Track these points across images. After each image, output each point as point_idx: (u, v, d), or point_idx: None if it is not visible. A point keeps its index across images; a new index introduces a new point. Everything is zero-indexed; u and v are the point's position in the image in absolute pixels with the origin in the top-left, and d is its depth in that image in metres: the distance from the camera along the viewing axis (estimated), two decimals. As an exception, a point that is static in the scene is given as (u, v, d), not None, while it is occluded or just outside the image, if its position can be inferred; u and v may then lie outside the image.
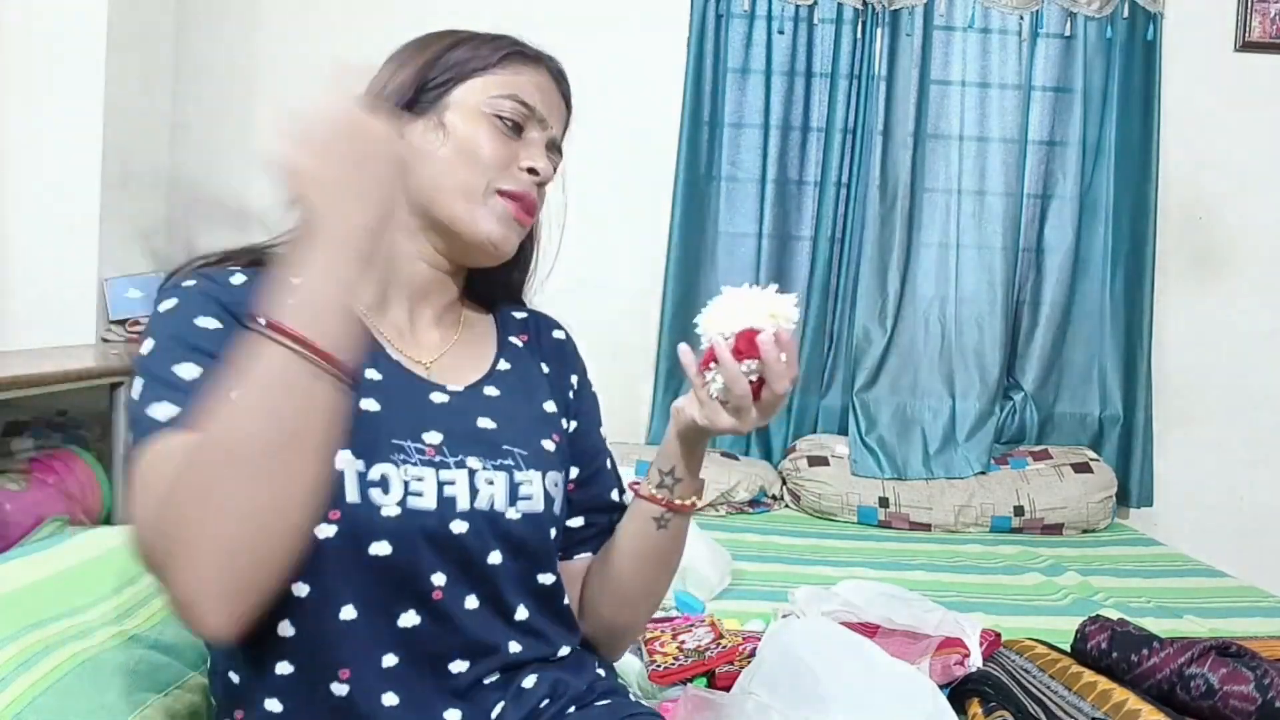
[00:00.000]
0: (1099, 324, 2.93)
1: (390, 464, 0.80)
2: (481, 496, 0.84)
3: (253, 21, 2.91)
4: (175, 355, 0.75)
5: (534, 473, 0.88)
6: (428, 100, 0.90)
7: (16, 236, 2.34)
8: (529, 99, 0.91)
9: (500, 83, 0.91)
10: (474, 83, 0.90)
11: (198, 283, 0.81)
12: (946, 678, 1.37)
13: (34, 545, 1.23)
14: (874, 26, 2.87)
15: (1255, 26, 2.93)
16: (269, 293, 0.68)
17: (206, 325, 0.77)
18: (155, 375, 0.74)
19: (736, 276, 2.93)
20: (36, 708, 0.83)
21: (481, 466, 0.85)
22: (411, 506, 0.80)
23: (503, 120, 0.90)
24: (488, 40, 0.93)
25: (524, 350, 0.99)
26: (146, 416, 0.72)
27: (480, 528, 0.83)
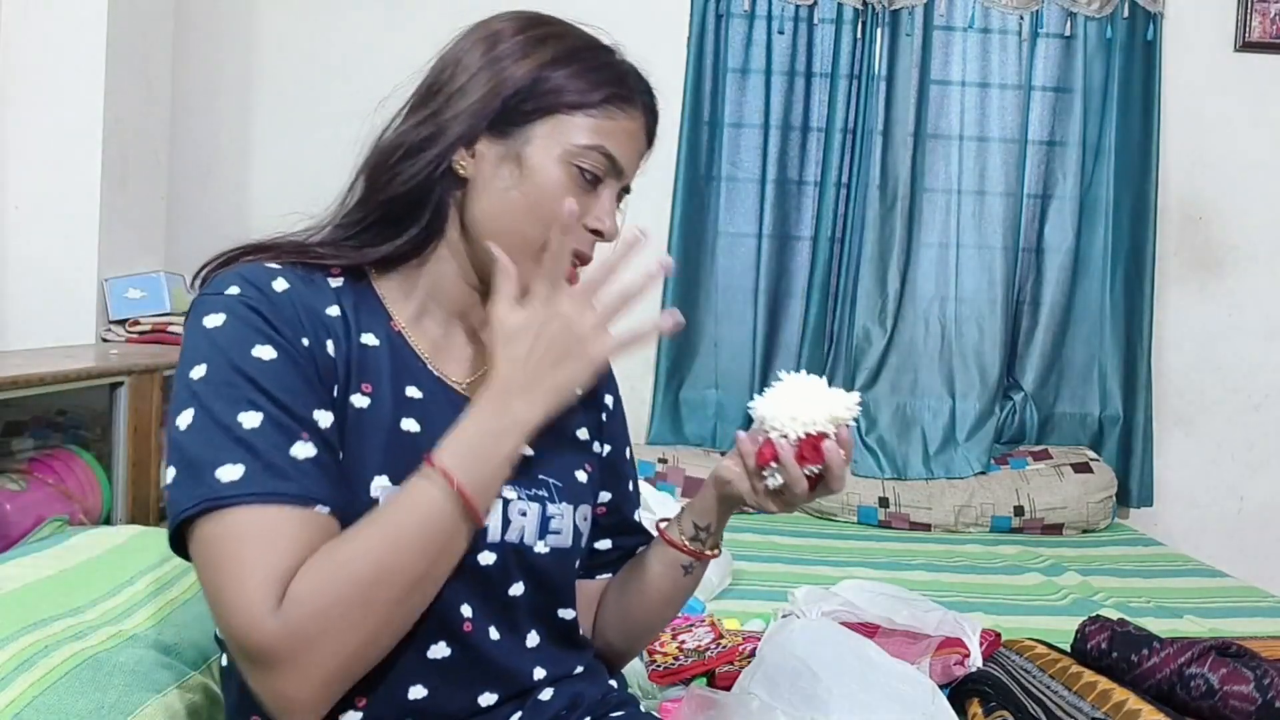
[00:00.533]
0: (1099, 324, 2.93)
1: None
2: (513, 528, 0.83)
3: (252, 22, 2.91)
4: (235, 397, 0.71)
5: (566, 506, 0.87)
6: (512, 123, 0.82)
7: (16, 236, 2.34)
8: (616, 152, 0.84)
9: (592, 129, 0.83)
10: (564, 120, 0.82)
11: (241, 291, 0.76)
12: (946, 678, 1.37)
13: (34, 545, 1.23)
14: (874, 26, 2.87)
15: (1255, 26, 2.93)
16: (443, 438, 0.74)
17: (262, 356, 0.73)
18: (216, 420, 0.70)
19: (736, 276, 2.93)
20: (36, 708, 0.83)
21: (516, 496, 0.83)
22: None
23: (583, 173, 0.83)
24: (592, 67, 0.84)
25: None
26: (212, 476, 0.68)
27: (507, 559, 0.82)
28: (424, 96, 0.85)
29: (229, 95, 2.90)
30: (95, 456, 1.90)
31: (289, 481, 0.69)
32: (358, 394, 0.78)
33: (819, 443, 0.84)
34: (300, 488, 0.70)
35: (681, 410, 2.94)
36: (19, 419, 2.00)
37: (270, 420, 0.71)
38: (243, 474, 0.68)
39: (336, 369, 0.78)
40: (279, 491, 0.69)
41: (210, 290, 0.77)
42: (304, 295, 0.78)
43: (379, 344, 0.82)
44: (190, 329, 0.75)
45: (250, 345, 0.73)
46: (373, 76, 0.87)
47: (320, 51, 2.88)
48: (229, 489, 0.68)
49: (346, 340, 0.80)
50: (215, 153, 2.91)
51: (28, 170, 2.33)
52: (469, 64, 0.84)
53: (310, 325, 0.77)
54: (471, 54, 0.84)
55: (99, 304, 2.39)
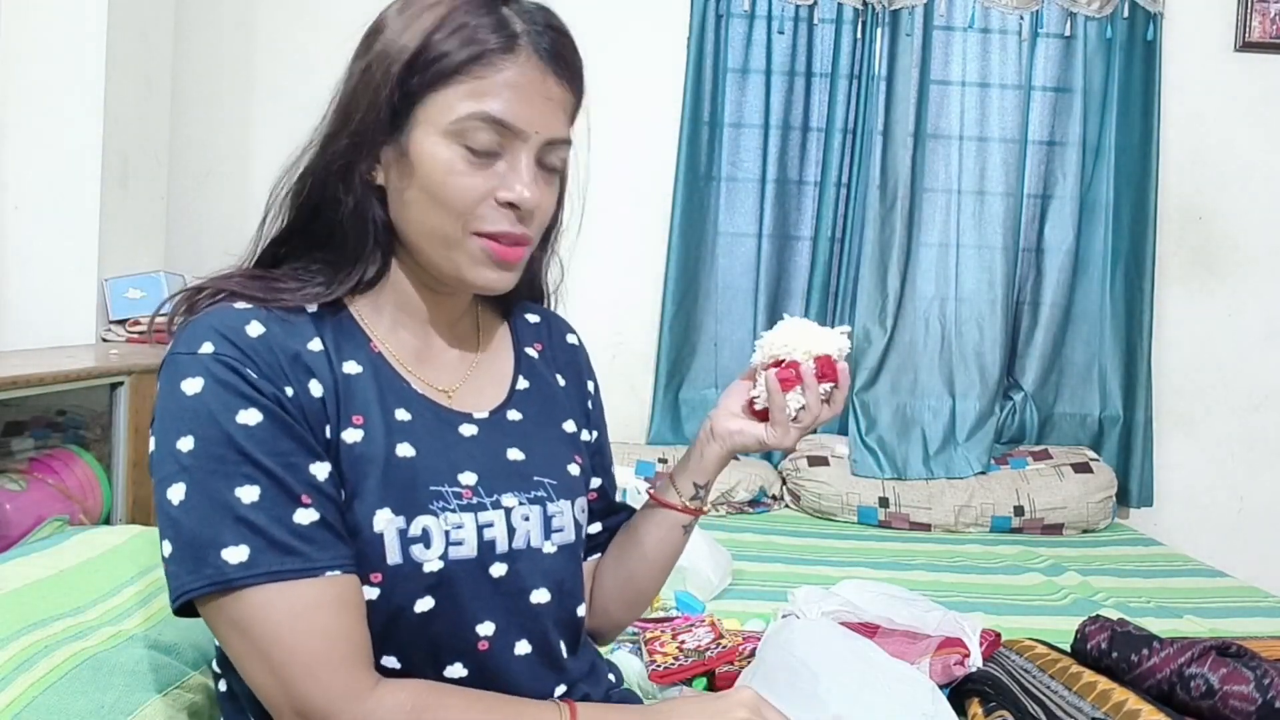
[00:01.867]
0: (1099, 324, 2.93)
1: (430, 515, 0.76)
2: (519, 535, 0.82)
3: (251, 22, 2.91)
4: (228, 472, 0.69)
5: (564, 502, 0.86)
6: (397, 119, 0.77)
7: (16, 236, 2.34)
8: (503, 113, 0.75)
9: (466, 94, 0.75)
10: (438, 97, 0.76)
11: (216, 349, 0.72)
12: (946, 678, 1.37)
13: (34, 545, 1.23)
14: (874, 26, 2.87)
15: (1255, 26, 2.93)
16: None
17: (248, 422, 0.71)
18: (212, 498, 0.69)
19: (736, 276, 2.93)
20: (36, 707, 0.83)
21: (517, 503, 0.82)
22: (453, 557, 0.77)
23: (467, 148, 0.76)
24: (455, 29, 0.75)
25: (539, 363, 0.95)
26: (218, 557, 0.68)
27: (519, 567, 0.81)
28: (329, 112, 0.82)
29: (229, 95, 2.91)
30: (95, 456, 1.90)
31: (295, 556, 0.69)
32: (349, 428, 0.76)
33: (831, 361, 0.91)
34: (306, 560, 0.70)
35: (681, 410, 2.94)
36: (19, 419, 2.00)
37: (267, 492, 0.70)
38: (249, 555, 0.68)
39: (325, 408, 0.75)
40: (289, 569, 0.69)
41: (183, 349, 0.73)
42: (280, 337, 0.75)
43: (361, 370, 0.79)
44: (167, 393, 0.72)
45: (234, 412, 0.70)
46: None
47: (320, 52, 2.87)
48: (237, 571, 0.68)
49: (331, 374, 0.77)
50: (215, 153, 2.91)
51: (28, 170, 2.33)
52: (353, 70, 0.81)
53: (291, 370, 0.74)
54: (356, 59, 0.81)
55: (99, 304, 2.39)
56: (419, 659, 0.77)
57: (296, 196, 0.81)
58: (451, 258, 0.79)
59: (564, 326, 1.01)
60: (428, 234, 0.79)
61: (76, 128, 2.33)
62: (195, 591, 0.69)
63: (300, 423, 0.73)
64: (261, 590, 0.68)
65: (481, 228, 0.78)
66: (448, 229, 0.77)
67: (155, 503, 0.73)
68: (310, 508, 0.71)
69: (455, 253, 0.78)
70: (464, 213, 0.77)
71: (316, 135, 0.81)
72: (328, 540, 0.71)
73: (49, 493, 1.76)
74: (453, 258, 0.79)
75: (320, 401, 0.75)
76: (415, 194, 0.77)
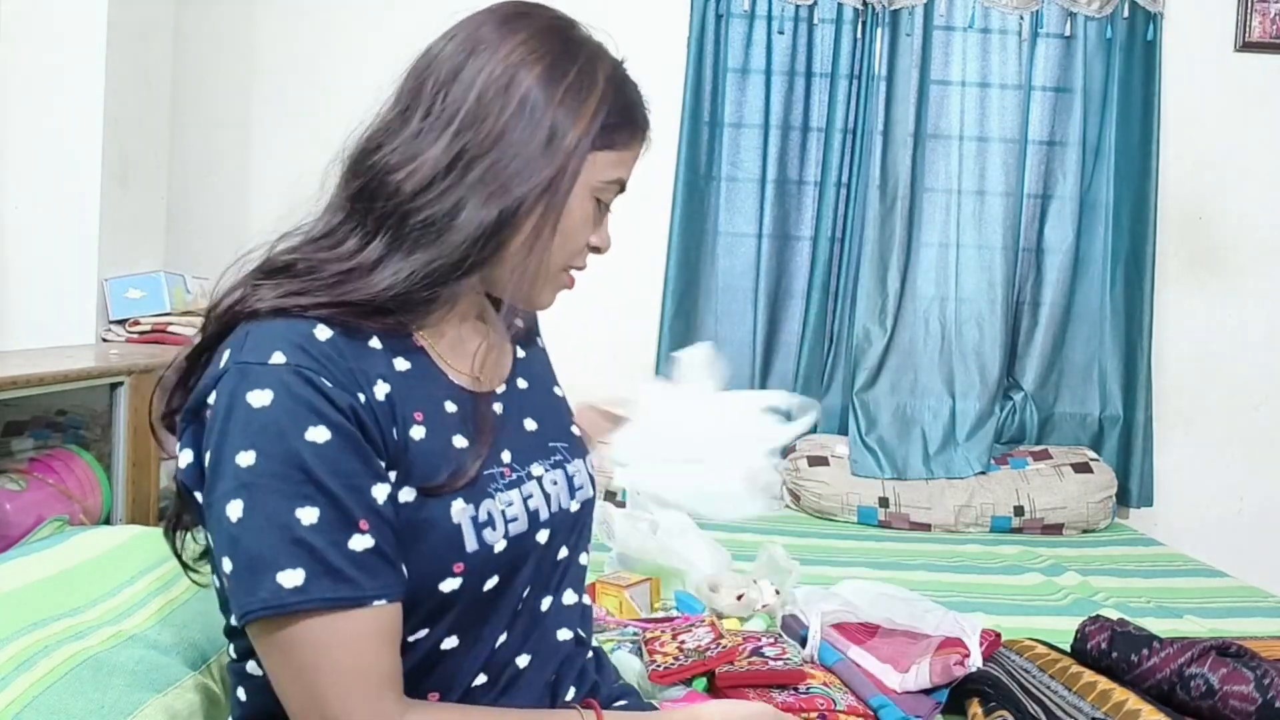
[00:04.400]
0: (1099, 324, 2.93)
1: (489, 498, 0.81)
2: (552, 500, 0.88)
3: (251, 22, 2.91)
4: (290, 492, 0.69)
5: (579, 461, 0.94)
6: (565, 162, 0.81)
7: (16, 236, 2.34)
8: (627, 177, 0.87)
9: (615, 163, 0.85)
10: (601, 157, 0.83)
11: (289, 359, 0.72)
12: (946, 678, 1.36)
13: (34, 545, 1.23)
14: (874, 26, 2.87)
15: (1255, 26, 2.93)
16: None
17: (316, 440, 0.70)
18: (271, 516, 0.69)
19: (736, 276, 2.93)
20: (36, 707, 0.83)
21: (544, 470, 0.88)
22: (513, 533, 0.82)
23: (601, 204, 0.86)
24: (618, 107, 0.84)
25: (520, 330, 1.00)
26: (274, 580, 0.69)
27: (556, 528, 0.88)
28: (459, 134, 0.79)
29: (229, 95, 2.90)
30: (95, 456, 1.90)
31: (348, 584, 0.70)
32: (414, 425, 0.78)
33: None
34: (358, 589, 0.71)
35: (681, 410, 2.93)
36: (19, 419, 2.00)
37: (326, 514, 0.70)
38: (304, 579, 0.69)
39: (394, 408, 0.77)
40: (342, 597, 0.70)
41: (252, 358, 0.72)
42: (346, 341, 0.76)
43: (410, 367, 0.81)
44: (231, 403, 0.71)
45: (303, 429, 0.70)
46: (373, 76, 0.85)
47: (320, 51, 2.88)
48: (292, 595, 0.69)
49: (391, 373, 0.79)
50: (215, 153, 2.91)
51: (28, 170, 2.33)
52: (508, 114, 0.79)
53: (360, 374, 0.75)
54: (508, 97, 0.80)
55: (99, 304, 2.39)
56: (473, 633, 0.82)
57: (415, 209, 0.78)
58: (539, 285, 0.86)
59: None
60: (540, 265, 0.83)
61: (76, 128, 2.33)
62: (254, 614, 0.70)
63: (373, 430, 0.74)
64: (311, 617, 0.70)
65: (576, 264, 0.88)
66: (554, 264, 0.85)
67: (210, 515, 0.72)
68: (367, 534, 0.72)
69: (543, 281, 0.86)
70: (575, 253, 0.86)
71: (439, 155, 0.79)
72: (379, 568, 0.72)
73: (49, 493, 1.76)
74: (538, 284, 0.85)
75: (388, 402, 0.76)
76: (551, 232, 0.82)
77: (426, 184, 0.78)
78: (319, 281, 0.77)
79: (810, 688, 1.30)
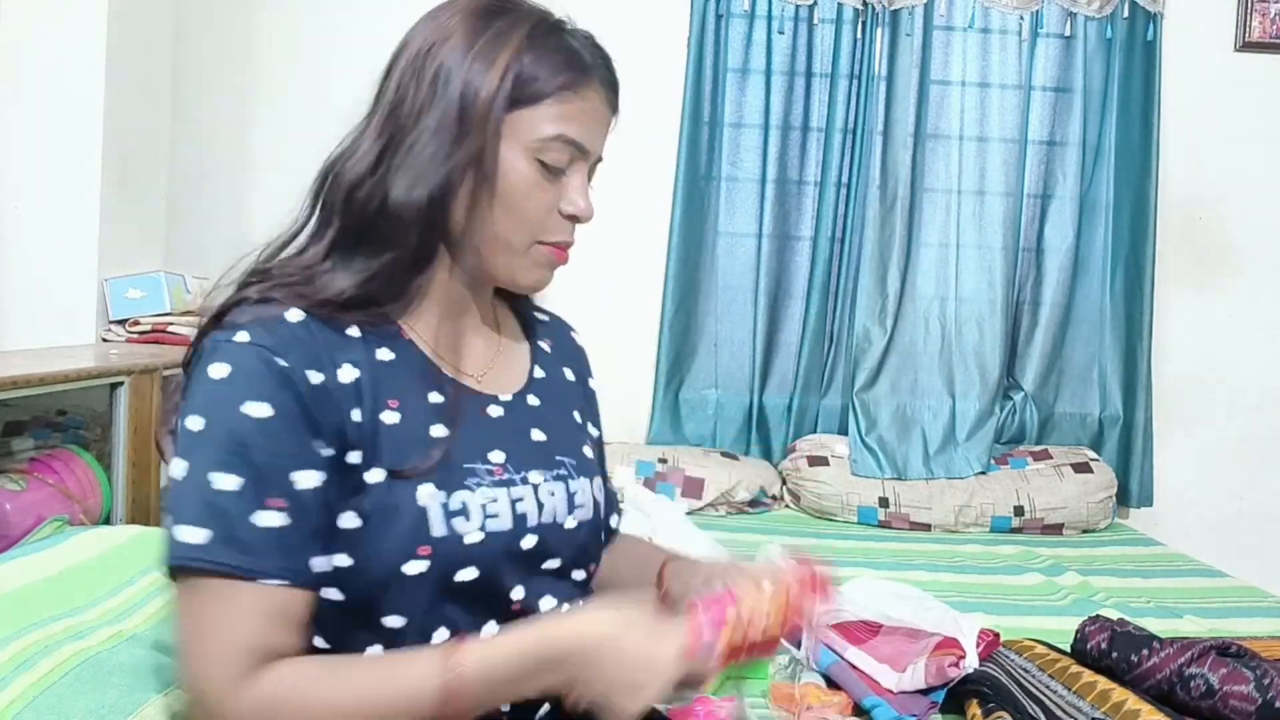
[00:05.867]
0: (1099, 324, 2.93)
1: (467, 490, 0.81)
2: (546, 510, 0.86)
3: (252, 22, 2.91)
4: (218, 457, 0.73)
5: (584, 480, 0.92)
6: (481, 127, 0.80)
7: (16, 236, 2.34)
8: (578, 135, 0.83)
9: (552, 117, 0.82)
10: (523, 115, 0.81)
11: (251, 337, 0.76)
12: (941, 679, 1.37)
13: (34, 545, 1.23)
14: (874, 26, 2.87)
15: (1255, 26, 2.93)
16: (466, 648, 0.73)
17: (255, 414, 0.74)
18: (196, 477, 0.73)
19: (736, 276, 2.93)
20: (36, 707, 0.83)
21: (543, 480, 0.87)
22: (491, 529, 0.81)
23: (545, 165, 0.82)
24: (543, 54, 0.82)
25: (552, 356, 1.00)
26: (182, 534, 0.72)
27: (546, 538, 0.86)
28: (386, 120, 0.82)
29: (229, 95, 2.90)
30: (95, 456, 1.90)
31: (245, 555, 0.72)
32: (386, 410, 0.80)
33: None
34: (254, 562, 0.72)
35: (681, 410, 2.94)
36: (19, 419, 2.00)
37: (247, 484, 0.72)
38: (205, 539, 0.72)
39: (360, 392, 0.79)
40: (233, 565, 0.72)
41: (222, 334, 0.77)
42: (320, 324, 0.79)
43: (394, 357, 0.83)
44: (197, 374, 0.76)
45: (244, 401, 0.73)
46: (372, 77, 0.85)
47: (320, 51, 2.88)
48: (191, 552, 0.72)
49: (367, 360, 0.81)
50: (215, 153, 2.91)
51: (27, 170, 2.33)
52: (424, 90, 0.81)
53: (327, 355, 0.78)
54: (424, 73, 0.81)
55: (99, 304, 2.39)
56: (462, 625, 0.81)
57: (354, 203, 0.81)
58: (511, 262, 0.85)
59: (568, 326, 1.07)
60: (493, 240, 0.83)
61: (76, 128, 2.33)
62: (163, 565, 0.74)
63: (325, 412, 0.76)
64: (205, 577, 0.72)
65: (546, 237, 0.85)
66: (515, 237, 0.83)
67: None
68: (280, 513, 0.73)
69: (516, 258, 0.85)
70: (537, 224, 0.83)
71: (363, 136, 0.83)
72: (283, 549, 0.74)
73: (49, 493, 1.76)
74: (512, 263, 0.85)
75: (353, 386, 0.78)
76: (491, 203, 0.82)
77: (360, 177, 0.81)
78: (290, 282, 0.81)
79: None
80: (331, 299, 0.80)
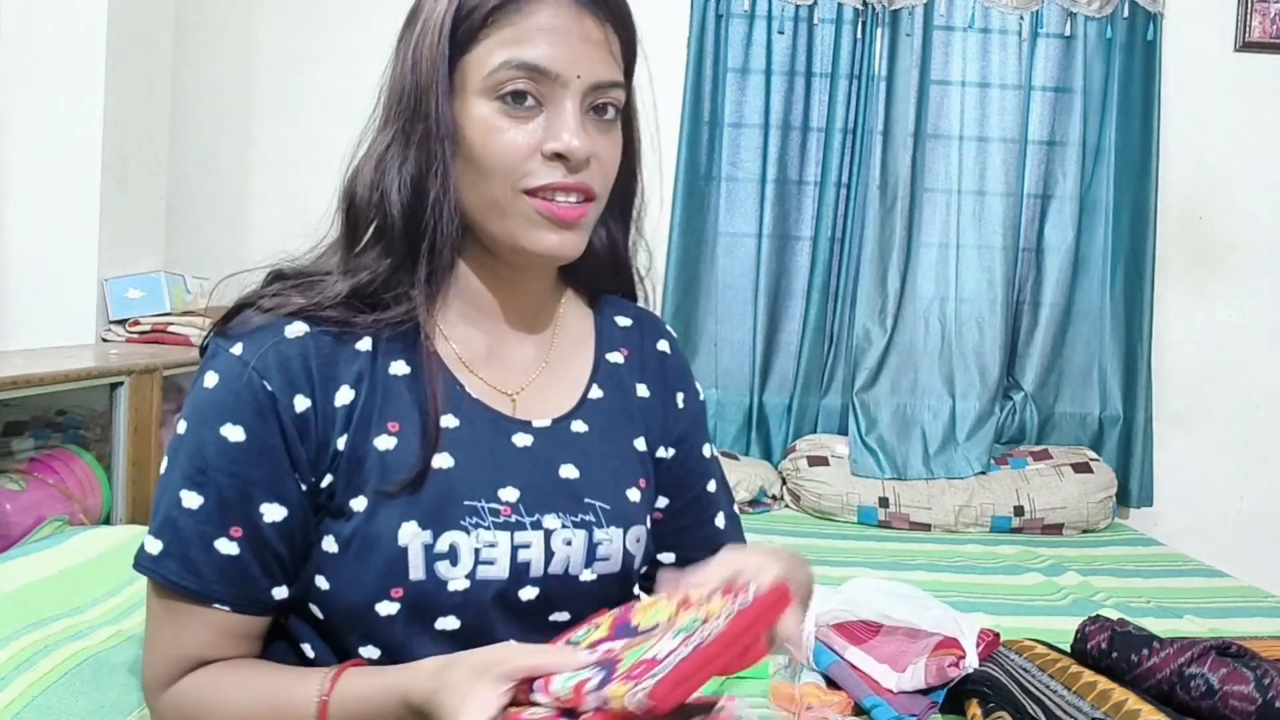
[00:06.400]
0: (1099, 324, 2.93)
1: (460, 531, 0.73)
2: (556, 560, 0.77)
3: (252, 22, 2.91)
4: (188, 471, 0.72)
5: (614, 530, 0.80)
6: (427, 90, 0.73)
7: (16, 236, 2.34)
8: (539, 59, 0.71)
9: (498, 45, 0.72)
10: (472, 55, 0.72)
11: (244, 351, 0.72)
12: (941, 679, 1.36)
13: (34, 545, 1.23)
14: (874, 26, 2.87)
15: (1255, 26, 2.93)
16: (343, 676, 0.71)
17: (229, 437, 0.71)
18: (167, 486, 0.73)
19: (736, 276, 2.93)
20: (36, 707, 0.83)
21: (560, 525, 0.77)
22: (481, 577, 0.74)
23: (506, 99, 0.72)
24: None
25: (622, 369, 0.88)
26: (145, 541, 0.73)
27: (550, 592, 0.77)
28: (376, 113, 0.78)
29: (229, 95, 2.90)
30: (95, 456, 1.90)
31: (194, 577, 0.72)
32: (383, 435, 0.74)
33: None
34: (201, 584, 0.72)
35: (681, 410, 2.94)
36: (19, 419, 2.00)
37: (208, 507, 0.72)
38: (159, 552, 0.72)
39: (352, 415, 0.74)
40: (181, 585, 0.72)
41: (224, 341, 0.74)
42: (322, 339, 0.74)
43: (409, 372, 0.76)
44: (197, 375, 0.75)
45: (222, 421, 0.71)
46: (373, 76, 0.85)
47: (321, 51, 2.88)
48: (147, 560, 0.73)
49: (371, 377, 0.75)
50: (215, 153, 2.90)
51: (27, 170, 2.33)
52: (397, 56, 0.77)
53: (325, 371, 0.73)
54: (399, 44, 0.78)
55: (99, 304, 2.39)
56: None
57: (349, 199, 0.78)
58: (507, 226, 0.74)
59: (657, 331, 0.93)
60: (481, 205, 0.74)
61: (76, 128, 2.33)
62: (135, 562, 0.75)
63: (305, 439, 0.73)
64: (160, 588, 0.73)
65: (530, 184, 0.73)
66: (497, 193, 0.73)
67: None
68: (235, 542, 0.72)
69: (510, 219, 0.74)
70: (510, 171, 0.72)
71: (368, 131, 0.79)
72: (236, 578, 0.73)
73: (49, 493, 1.76)
74: (508, 226, 0.74)
75: (345, 410, 0.74)
76: (462, 164, 0.74)
77: (354, 173, 0.78)
78: (300, 284, 0.77)
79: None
80: (331, 303, 0.74)
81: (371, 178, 0.75)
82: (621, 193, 0.83)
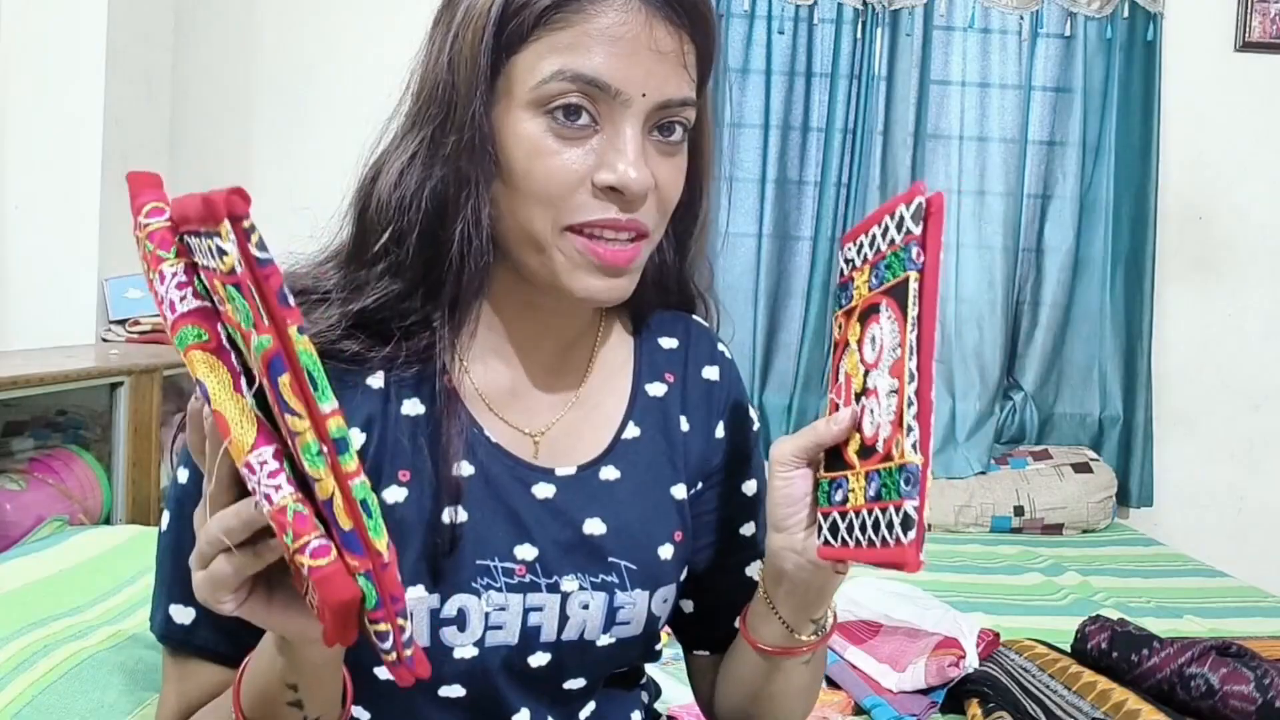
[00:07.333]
0: (1099, 324, 2.93)
1: (471, 594, 0.66)
2: (571, 625, 0.69)
3: (252, 22, 2.91)
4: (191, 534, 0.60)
5: (640, 593, 0.71)
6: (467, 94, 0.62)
7: (16, 236, 2.34)
8: (598, 71, 0.60)
9: (549, 50, 0.60)
10: (519, 59, 0.61)
11: None
12: (941, 679, 1.37)
13: (34, 545, 1.23)
14: (874, 26, 2.87)
15: (1255, 26, 2.93)
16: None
17: (181, 479, 0.66)
18: (180, 544, 0.66)
19: (736, 276, 2.93)
20: (36, 707, 0.83)
21: (578, 587, 0.69)
22: (490, 643, 0.67)
23: (556, 115, 0.61)
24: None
25: (665, 401, 0.77)
26: (167, 608, 0.69)
27: (563, 658, 0.70)
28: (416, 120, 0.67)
29: (229, 95, 2.90)
30: (95, 456, 1.90)
31: (229, 642, 0.67)
32: (393, 485, 0.66)
33: None
34: (236, 649, 0.64)
35: (681, 410, 2.94)
36: (19, 419, 2.00)
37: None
38: (193, 621, 0.69)
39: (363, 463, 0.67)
40: (215, 651, 0.68)
41: None
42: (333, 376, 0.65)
43: (422, 412, 0.68)
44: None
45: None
46: (373, 76, 0.84)
47: (321, 52, 2.88)
48: (179, 634, 0.69)
49: (383, 419, 0.67)
50: (215, 153, 2.90)
51: (28, 170, 2.33)
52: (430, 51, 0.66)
53: None
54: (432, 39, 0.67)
55: (99, 304, 2.39)
56: None
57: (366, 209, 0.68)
58: (545, 263, 0.63)
59: (706, 354, 0.80)
60: (516, 235, 0.64)
61: (76, 128, 2.33)
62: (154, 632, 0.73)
63: None
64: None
65: (575, 219, 0.62)
66: (536, 226, 0.62)
67: None
68: (191, 608, 0.68)
69: (549, 256, 0.63)
70: (553, 202, 0.62)
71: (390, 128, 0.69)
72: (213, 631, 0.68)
73: (49, 493, 1.76)
74: (546, 263, 0.63)
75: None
76: (499, 187, 0.63)
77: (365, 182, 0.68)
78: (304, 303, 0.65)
79: None
80: (339, 335, 0.65)
81: (390, 191, 0.65)
82: (682, 215, 0.71)
